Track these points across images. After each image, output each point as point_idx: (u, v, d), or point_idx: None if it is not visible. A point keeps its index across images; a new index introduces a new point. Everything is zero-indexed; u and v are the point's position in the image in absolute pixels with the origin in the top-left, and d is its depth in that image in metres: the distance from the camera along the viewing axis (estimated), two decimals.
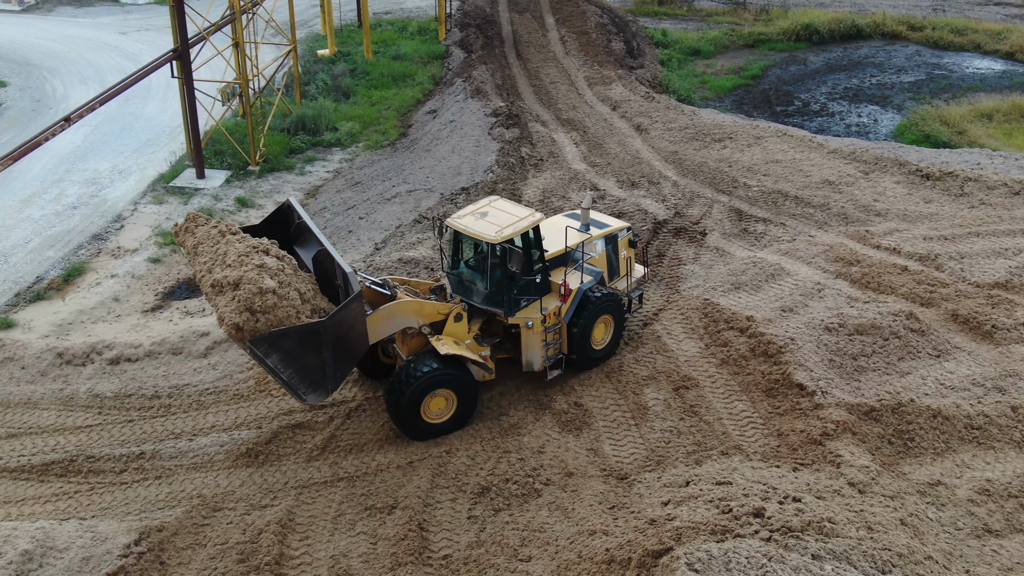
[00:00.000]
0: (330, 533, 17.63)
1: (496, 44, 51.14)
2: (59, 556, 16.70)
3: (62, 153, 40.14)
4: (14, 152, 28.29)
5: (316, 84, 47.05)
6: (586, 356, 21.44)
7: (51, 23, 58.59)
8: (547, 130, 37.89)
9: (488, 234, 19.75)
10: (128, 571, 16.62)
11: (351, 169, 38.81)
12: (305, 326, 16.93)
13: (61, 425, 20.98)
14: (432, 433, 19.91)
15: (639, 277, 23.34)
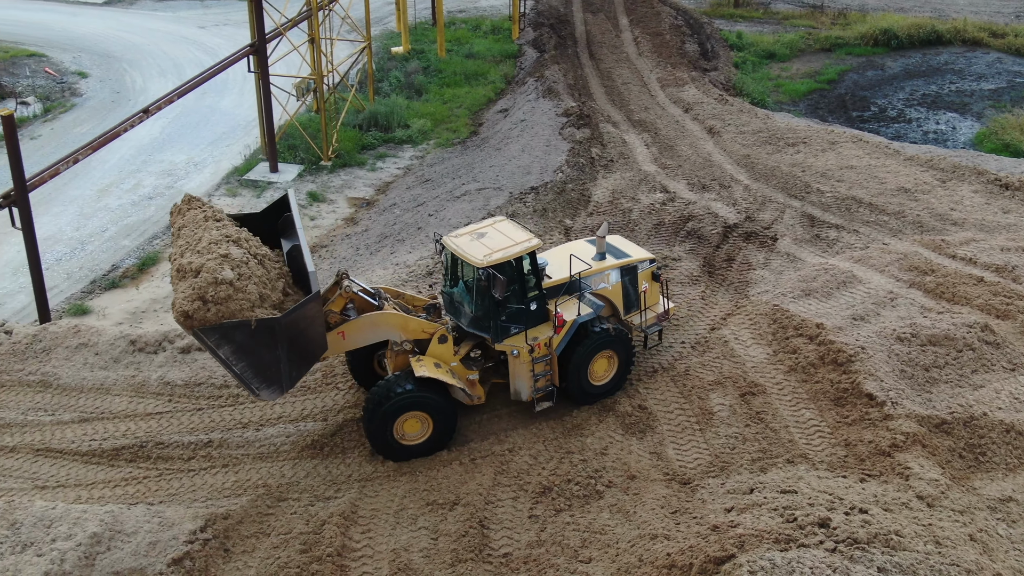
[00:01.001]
0: (392, 527, 17.74)
1: (569, 44, 51.06)
2: (127, 540, 17.01)
3: (140, 144, 40.90)
4: (93, 142, 28.88)
5: (389, 81, 47.39)
6: (581, 390, 20.42)
7: (132, 16, 59.72)
8: (618, 131, 37.74)
9: (476, 257, 18.99)
10: (193, 557, 16.87)
11: (421, 166, 39.02)
12: (259, 320, 16.48)
13: (132, 411, 21.37)
14: (406, 454, 19.44)
15: (660, 313, 21.79)
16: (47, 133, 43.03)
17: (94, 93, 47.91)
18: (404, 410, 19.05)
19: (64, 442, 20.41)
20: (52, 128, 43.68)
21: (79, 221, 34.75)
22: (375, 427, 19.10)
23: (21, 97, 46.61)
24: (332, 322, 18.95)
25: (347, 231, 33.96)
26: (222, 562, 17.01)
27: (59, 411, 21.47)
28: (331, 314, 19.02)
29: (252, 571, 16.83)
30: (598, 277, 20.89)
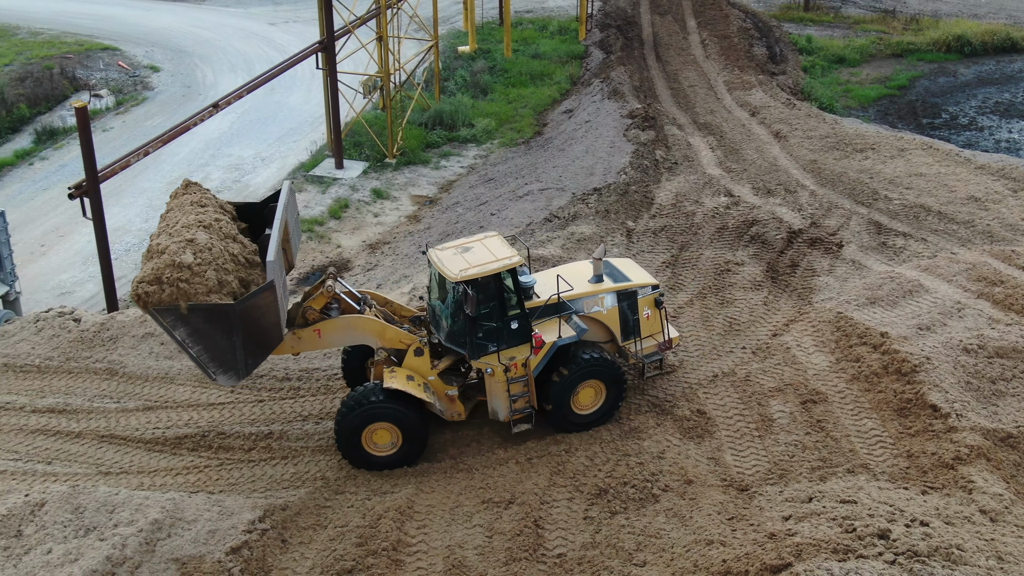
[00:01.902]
0: (447, 523, 17.80)
1: (636, 46, 50.88)
2: (187, 527, 17.26)
3: (209, 138, 41.51)
4: (164, 135, 29.37)
5: (455, 80, 47.59)
6: (564, 418, 19.80)
7: (204, 12, 60.62)
8: (683, 133, 37.54)
9: (451, 271, 18.60)
10: (251, 546, 17.07)
11: (485, 165, 39.14)
12: (212, 306, 16.48)
13: (195, 401, 21.70)
14: (375, 465, 19.25)
15: (662, 342, 20.76)
16: (119, 125, 43.86)
17: (165, 87, 48.72)
18: (372, 420, 18.91)
19: (128, 429, 20.79)
20: (124, 121, 44.52)
21: (148, 212, 35.36)
22: (343, 434, 19.04)
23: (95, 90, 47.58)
24: (311, 319, 18.99)
25: (409, 228, 34.16)
26: (279, 552, 17.19)
27: (124, 399, 21.87)
28: (310, 311, 19.03)
29: (308, 562, 16.99)
30: (591, 300, 20.07)
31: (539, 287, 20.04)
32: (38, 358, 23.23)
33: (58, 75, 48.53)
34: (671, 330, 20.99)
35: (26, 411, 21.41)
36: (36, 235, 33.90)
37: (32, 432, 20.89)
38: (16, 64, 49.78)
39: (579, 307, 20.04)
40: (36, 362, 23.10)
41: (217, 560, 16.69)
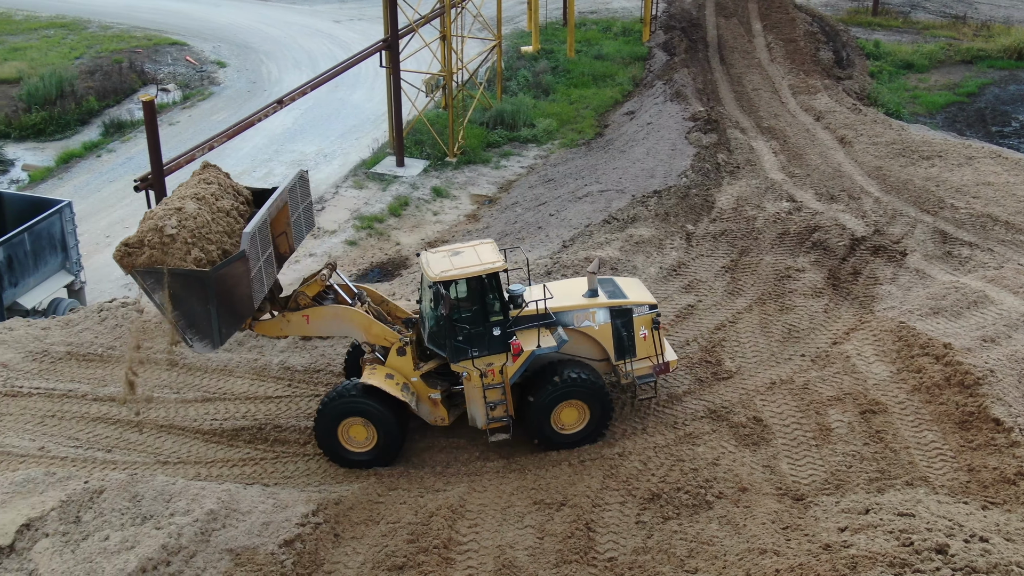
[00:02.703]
0: (498, 523, 17.80)
1: (700, 48, 50.53)
2: (241, 518, 17.44)
3: (273, 134, 41.95)
4: (229, 130, 29.72)
5: (517, 80, 47.62)
6: (542, 434, 19.52)
7: (271, 9, 61.27)
8: (746, 137, 37.21)
9: (432, 271, 18.67)
10: (304, 539, 17.20)
11: (545, 166, 39.11)
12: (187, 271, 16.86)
13: (253, 394, 21.92)
14: (351, 462, 19.36)
15: (657, 364, 20.05)
16: (185, 120, 44.48)
17: (231, 82, 49.32)
18: (347, 415, 19.01)
19: (187, 420, 21.06)
20: (190, 115, 45.14)
21: None
22: (320, 426, 19.18)
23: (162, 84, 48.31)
24: (302, 304, 19.33)
25: (468, 227, 34.24)
26: (331, 546, 17.30)
27: (184, 390, 22.16)
28: (302, 296, 19.38)
29: (360, 557, 17.08)
30: (581, 314, 19.64)
31: (529, 297, 19.78)
32: (101, 347, 23.63)
33: (127, 69, 49.34)
34: (669, 353, 20.31)
35: (88, 399, 21.78)
36: (102, 226, 34.50)
37: (93, 420, 21.25)
38: (86, 58, 50.70)
39: (568, 320, 19.62)
40: (99, 351, 23.50)
41: (270, 552, 16.84)
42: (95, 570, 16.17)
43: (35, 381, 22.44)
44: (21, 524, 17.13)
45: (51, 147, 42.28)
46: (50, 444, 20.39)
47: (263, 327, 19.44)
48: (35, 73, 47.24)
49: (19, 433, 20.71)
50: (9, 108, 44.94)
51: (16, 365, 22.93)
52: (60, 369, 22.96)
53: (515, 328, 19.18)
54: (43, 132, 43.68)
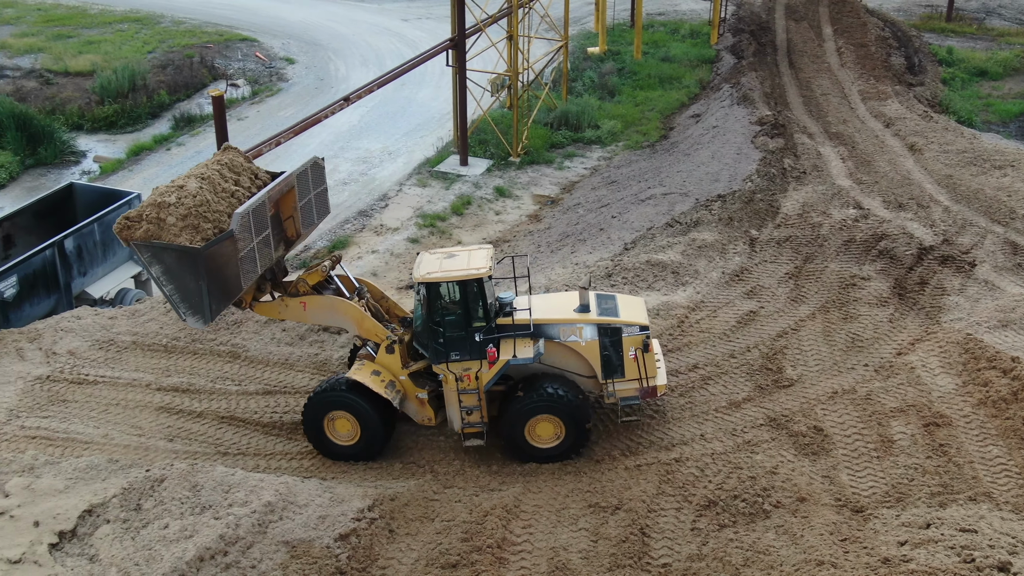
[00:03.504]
0: (552, 524, 17.77)
1: (768, 51, 50.03)
2: (298, 511, 17.60)
3: (339, 131, 42.31)
4: (296, 126, 30.03)
5: (583, 81, 47.53)
6: (516, 446, 19.47)
7: (340, 7, 61.79)
8: (813, 142, 36.75)
9: (417, 272, 19.06)
10: (359, 534, 17.32)
11: (608, 168, 38.98)
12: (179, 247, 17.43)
13: (313, 388, 22.10)
14: (337, 455, 19.69)
15: (644, 387, 19.59)
16: (253, 115, 45.03)
17: (299, 79, 49.83)
18: (332, 408, 19.36)
19: (247, 412, 21.31)
20: (258, 110, 45.69)
21: None
22: (307, 416, 19.57)
23: (232, 79, 48.96)
24: (301, 291, 19.83)
25: (530, 228, 34.24)
26: (386, 542, 17.40)
27: (245, 382, 22.42)
28: (302, 283, 19.86)
29: (414, 554, 17.16)
30: (567, 328, 19.30)
31: (540, 308, 19.73)
32: (165, 338, 23.99)
33: (198, 64, 50.07)
34: (660, 377, 19.81)
35: (151, 388, 22.12)
36: None
37: (156, 409, 21.58)
38: (159, 52, 51.54)
39: (554, 333, 19.43)
40: (163, 342, 23.87)
41: (326, 546, 16.98)
42: (154, 557, 16.42)
43: (101, 369, 22.86)
44: (83, 510, 17.45)
45: (122, 139, 43.06)
46: (114, 432, 20.76)
47: (262, 308, 20.03)
48: (108, 66, 48.12)
49: (84, 420, 21.11)
50: (83, 100, 45.85)
51: (83, 353, 23.37)
52: (125, 358, 23.36)
53: (498, 336, 19.20)
54: (115, 124, 44.51)
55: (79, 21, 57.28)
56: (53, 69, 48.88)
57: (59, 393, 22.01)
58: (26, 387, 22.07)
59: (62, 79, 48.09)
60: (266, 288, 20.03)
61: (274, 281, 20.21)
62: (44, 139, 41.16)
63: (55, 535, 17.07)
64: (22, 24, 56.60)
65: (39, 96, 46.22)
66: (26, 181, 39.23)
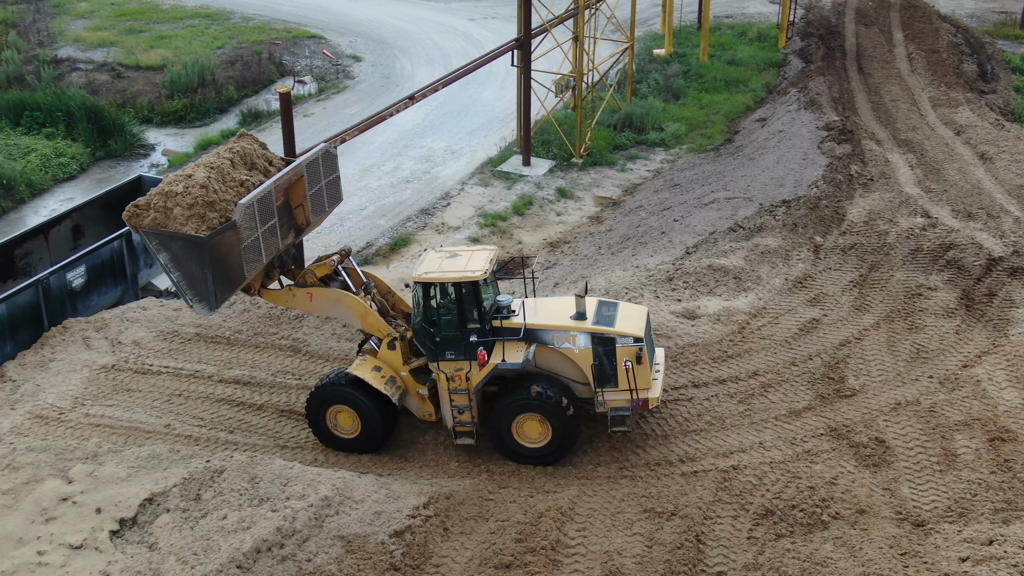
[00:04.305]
0: (607, 528, 17.71)
1: (837, 56, 49.38)
2: (354, 506, 17.73)
3: (403, 129, 42.51)
4: (361, 124, 30.24)
5: (648, 83, 47.28)
6: (504, 445, 19.68)
7: (407, 5, 62.10)
8: (881, 149, 36.20)
9: (417, 270, 19.41)
10: (414, 531, 17.40)
11: (671, 170, 38.74)
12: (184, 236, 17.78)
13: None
14: (339, 446, 20.13)
15: (635, 399, 19.43)
16: (319, 112, 45.41)
17: (365, 77, 50.17)
18: (333, 402, 19.84)
19: None
20: (324, 107, 46.07)
21: None
22: (310, 409, 20.06)
23: (299, 76, 49.42)
24: (309, 282, 20.16)
25: (591, 229, 34.14)
26: (440, 540, 17.47)
27: (305, 376, 22.63)
28: (310, 275, 20.24)
29: (468, 553, 17.20)
30: (561, 335, 19.35)
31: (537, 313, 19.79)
32: (228, 331, 24.30)
33: (266, 60, 50.62)
34: (654, 390, 19.61)
35: (213, 380, 22.42)
36: None
37: (218, 401, 21.87)
38: (228, 48, 52.18)
39: (548, 339, 19.47)
40: (226, 334, 24.18)
41: (380, 541, 17.09)
42: (212, 547, 16.64)
43: (164, 360, 23.22)
44: (144, 498, 17.76)
45: (190, 133, 43.66)
46: (175, 422, 21.07)
47: (270, 295, 20.39)
48: (179, 61, 48.82)
49: (147, 410, 21.46)
50: (152, 94, 46.56)
51: (147, 344, 23.75)
52: (188, 350, 23.70)
53: (492, 339, 19.34)
54: (183, 119, 45.14)
55: (151, 16, 58.19)
56: (125, 63, 49.68)
57: (123, 382, 22.40)
58: (92, 375, 22.48)
59: (133, 73, 48.88)
60: (275, 275, 20.44)
61: (283, 268, 20.60)
62: (114, 132, 41.87)
63: (116, 522, 17.40)
64: (95, 18, 57.62)
65: (110, 89, 47.03)
66: (96, 173, 39.95)
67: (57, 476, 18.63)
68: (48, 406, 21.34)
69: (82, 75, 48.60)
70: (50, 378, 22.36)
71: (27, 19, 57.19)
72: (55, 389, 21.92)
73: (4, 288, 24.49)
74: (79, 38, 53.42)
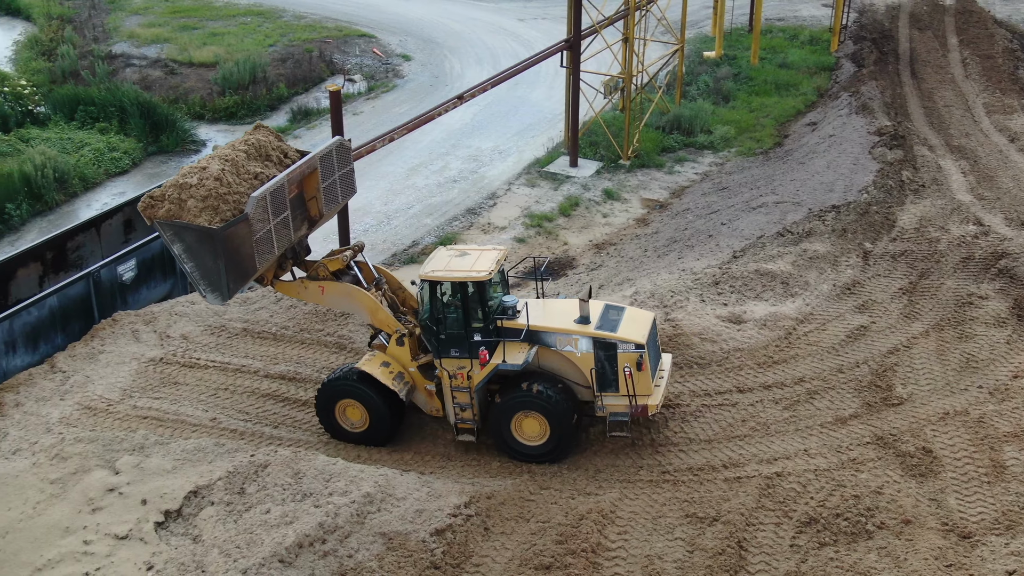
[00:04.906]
0: (648, 532, 17.63)
1: (890, 60, 48.83)
2: (396, 504, 17.79)
3: (451, 128, 42.63)
4: (409, 123, 30.35)
5: (697, 85, 47.04)
6: (503, 442, 19.84)
7: (457, 5, 62.25)
8: (933, 155, 35.75)
9: (425, 268, 19.61)
10: (455, 530, 17.42)
11: (720, 173, 38.53)
12: (198, 227, 18.02)
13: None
14: (348, 439, 20.38)
15: (634, 406, 19.44)
16: (368, 110, 45.67)
17: (415, 76, 50.37)
18: (342, 396, 20.14)
19: None
20: (373, 106, 46.33)
21: (388, 196, 36.67)
22: (319, 403, 20.37)
23: (349, 74, 49.73)
24: (321, 275, 20.44)
25: (637, 231, 34.04)
26: (481, 539, 17.48)
27: None
28: (323, 268, 20.46)
29: (508, 553, 17.20)
30: (564, 338, 19.45)
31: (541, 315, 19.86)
32: (275, 326, 24.49)
33: (316, 58, 50.99)
34: (655, 397, 19.54)
35: (260, 375, 22.61)
36: None
37: (263, 396, 22.05)
38: (279, 46, 52.61)
39: (551, 341, 19.55)
40: (273, 330, 24.37)
41: (421, 539, 17.13)
42: (254, 541, 16.78)
43: (212, 354, 23.45)
44: (189, 491, 17.96)
45: (241, 130, 43.83)
46: (221, 416, 21.27)
47: (283, 287, 20.63)
48: (231, 58, 49.30)
49: (193, 403, 21.68)
50: (204, 91, 47.08)
51: (195, 338, 24.00)
52: (235, 344, 23.92)
53: (496, 339, 19.48)
54: (234, 115, 45.61)
55: (204, 13, 58.80)
56: (178, 59, 50.24)
57: (171, 375, 22.66)
58: (140, 368, 22.76)
59: (186, 69, 49.43)
60: (287, 266, 20.67)
61: (296, 260, 20.84)
62: (166, 127, 42.41)
63: (161, 514, 17.61)
64: (150, 14, 58.33)
65: (163, 85, 47.63)
66: (148, 168, 40.48)
67: (104, 467, 18.90)
68: (97, 397, 21.64)
69: (136, 71, 49.24)
70: (99, 370, 22.67)
71: (83, 15, 58.02)
72: (104, 381, 22.22)
73: (56, 280, 24.86)
74: (133, 34, 54.11)
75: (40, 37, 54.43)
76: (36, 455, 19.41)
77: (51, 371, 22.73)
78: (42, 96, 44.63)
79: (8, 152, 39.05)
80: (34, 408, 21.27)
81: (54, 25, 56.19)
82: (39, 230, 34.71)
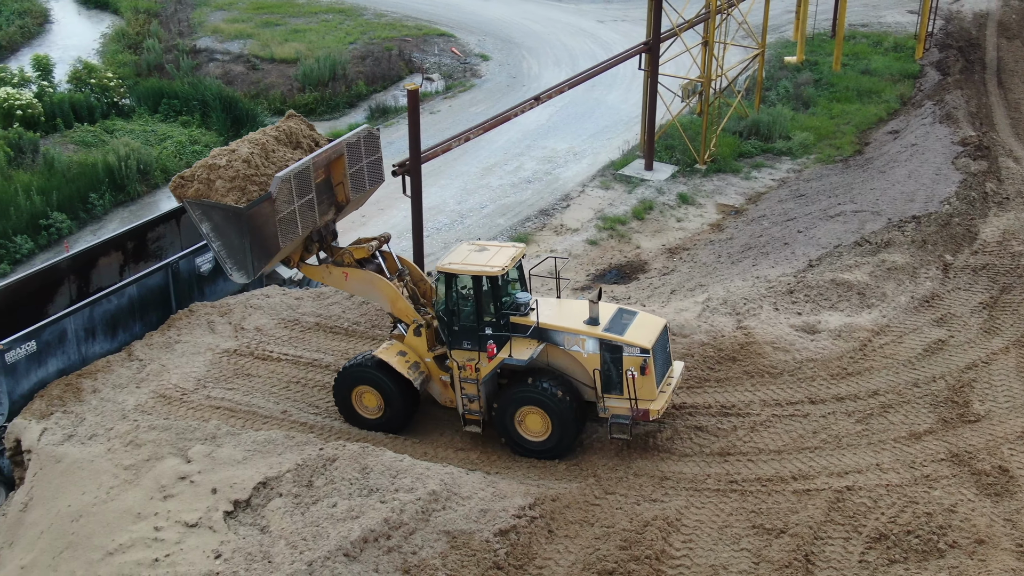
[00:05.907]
0: (714, 542, 17.46)
1: (976, 69, 47.81)
2: (461, 503, 17.84)
3: (527, 129, 42.66)
4: (486, 123, 30.45)
5: (777, 90, 46.51)
6: (508, 436, 20.10)
7: (536, 5, 62.27)
8: (1019, 167, 34.90)
9: (443, 260, 19.95)
10: (519, 531, 17.42)
11: (797, 180, 38.04)
12: (225, 206, 18.72)
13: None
14: (364, 425, 20.76)
15: (636, 409, 19.48)
16: (445, 109, 45.91)
17: (492, 76, 50.51)
18: (359, 383, 20.54)
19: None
20: (450, 105, 46.56)
21: (462, 195, 36.82)
22: (338, 387, 20.81)
23: (427, 73, 50.03)
24: (346, 262, 20.89)
25: (711, 237, 33.75)
26: (544, 541, 17.45)
27: None
28: (348, 255, 20.89)
29: (571, 557, 17.15)
30: (572, 338, 19.67)
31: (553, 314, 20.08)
32: (347, 321, 24.71)
33: (396, 56, 51.39)
34: (658, 402, 19.45)
35: (331, 369, 22.81)
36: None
37: None
38: (359, 43, 53.12)
39: (559, 340, 19.76)
40: (345, 325, 24.59)
41: (485, 539, 17.16)
42: (320, 534, 16.95)
43: (284, 347, 23.73)
44: (259, 481, 18.20)
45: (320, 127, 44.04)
46: (292, 409, 21.52)
47: (308, 269, 21.18)
48: (311, 55, 49.91)
49: (265, 395, 21.96)
50: (285, 87, 47.72)
51: (269, 331, 24.31)
52: (308, 338, 24.18)
53: (504, 334, 19.79)
54: (314, 111, 46.14)
55: (287, 10, 59.61)
56: (260, 55, 51.02)
57: (244, 367, 22.97)
58: (214, 359, 23.11)
59: (267, 65, 50.16)
60: (313, 249, 21.11)
61: (323, 244, 21.24)
62: (247, 122, 43.07)
63: (230, 503, 17.86)
64: (234, 10, 59.29)
65: (245, 80, 48.37)
66: None
67: (177, 455, 19.23)
68: (172, 386, 22.02)
69: (218, 65, 50.06)
70: (175, 359, 23.07)
71: (168, 9, 59.18)
72: (179, 370, 22.60)
73: (136, 270, 25.34)
74: (217, 29, 55.05)
75: (127, 30, 55.68)
76: (111, 441, 19.82)
77: (128, 359, 23.18)
78: (127, 88, 45.66)
79: (93, 143, 40.00)
80: (111, 395, 21.72)
81: (141, 19, 57.43)
82: (121, 220, 35.50)
